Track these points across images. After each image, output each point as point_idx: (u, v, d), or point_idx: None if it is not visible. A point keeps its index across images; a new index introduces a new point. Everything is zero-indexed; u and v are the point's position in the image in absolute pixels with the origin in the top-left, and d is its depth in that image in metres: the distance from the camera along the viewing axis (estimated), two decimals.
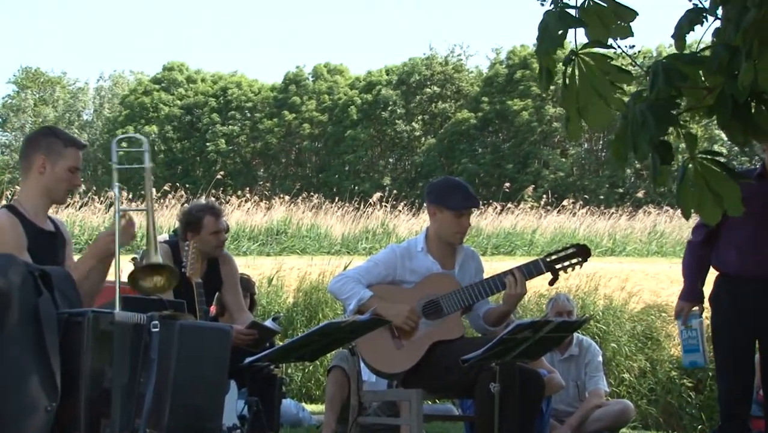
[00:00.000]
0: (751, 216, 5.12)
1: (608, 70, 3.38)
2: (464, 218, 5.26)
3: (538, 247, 17.20)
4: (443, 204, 5.25)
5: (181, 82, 37.84)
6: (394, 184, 33.42)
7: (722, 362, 5.30)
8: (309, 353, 4.63)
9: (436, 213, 5.29)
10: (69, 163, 4.37)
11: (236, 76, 38.05)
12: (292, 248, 17.23)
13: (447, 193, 5.27)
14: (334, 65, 37.64)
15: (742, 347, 5.20)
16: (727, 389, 5.25)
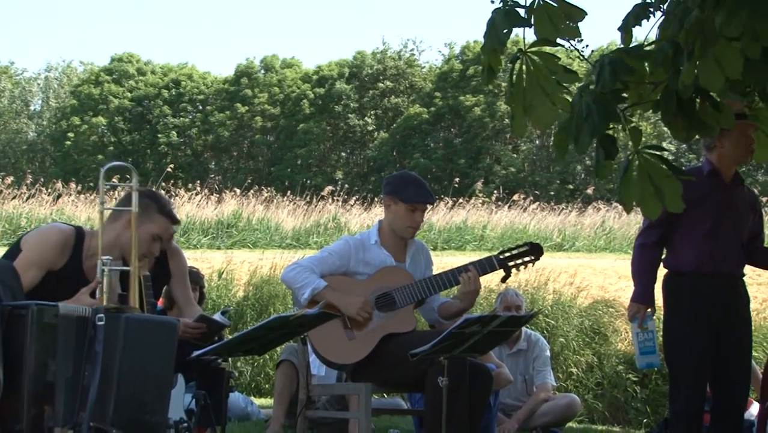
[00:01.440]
0: (708, 213, 5.21)
1: (555, 70, 3.41)
2: (418, 212, 5.30)
3: (488, 242, 17.28)
4: (398, 196, 5.28)
5: (131, 74, 37.47)
6: (347, 178, 33.41)
7: (682, 364, 5.24)
8: (257, 346, 4.61)
9: (390, 205, 5.33)
10: (154, 230, 4.51)
11: (187, 68, 37.76)
12: (243, 241, 17.15)
13: (403, 187, 5.30)
14: (286, 58, 37.51)
15: (705, 347, 5.20)
16: (688, 394, 5.20)
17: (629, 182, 3.46)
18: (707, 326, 5.18)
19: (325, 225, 17.88)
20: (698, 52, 3.03)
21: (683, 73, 3.13)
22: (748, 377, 5.45)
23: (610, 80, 3.33)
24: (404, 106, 35.46)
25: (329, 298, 5.16)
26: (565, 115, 3.47)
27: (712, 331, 5.20)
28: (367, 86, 35.88)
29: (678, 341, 5.23)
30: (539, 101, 3.40)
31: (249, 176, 29.61)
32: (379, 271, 5.27)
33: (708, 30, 2.96)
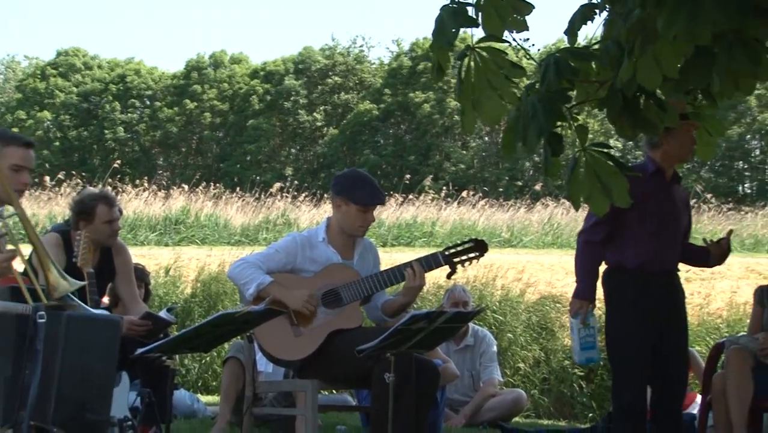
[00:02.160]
0: (653, 212, 5.27)
1: (503, 65, 3.43)
2: (369, 213, 5.31)
3: (438, 238, 17.31)
4: (349, 197, 5.26)
5: (78, 68, 37.03)
6: (296, 174, 33.29)
7: (626, 361, 5.27)
8: (203, 343, 4.59)
9: (341, 205, 5.31)
10: (11, 162, 4.33)
11: (134, 63, 37.40)
12: (192, 237, 17.04)
13: (354, 187, 5.29)
14: (235, 54, 37.31)
15: (648, 344, 5.24)
16: (632, 391, 5.24)
17: (577, 179, 3.49)
18: (651, 324, 5.24)
19: (275, 222, 17.82)
20: (638, 51, 3.06)
21: (622, 70, 3.17)
22: (687, 373, 5.53)
23: (555, 80, 3.37)
24: (354, 103, 35.43)
25: (275, 293, 5.15)
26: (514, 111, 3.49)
27: (656, 329, 5.26)
28: (316, 82, 35.80)
29: (622, 339, 5.27)
30: (487, 96, 3.42)
31: (198, 172, 29.42)
32: (325, 268, 5.27)
33: (649, 29, 2.99)
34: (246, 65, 36.95)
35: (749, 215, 18.65)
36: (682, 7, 2.82)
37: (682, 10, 2.82)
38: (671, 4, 2.83)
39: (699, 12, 2.82)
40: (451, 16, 3.37)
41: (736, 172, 33.02)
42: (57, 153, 34.70)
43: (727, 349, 5.87)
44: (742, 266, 12.90)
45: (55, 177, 18.85)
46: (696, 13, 2.82)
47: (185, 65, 36.77)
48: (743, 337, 6.01)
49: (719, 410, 5.74)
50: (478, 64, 3.42)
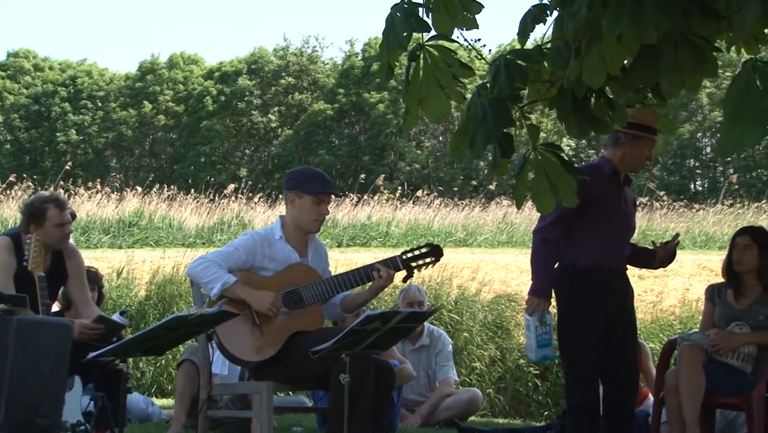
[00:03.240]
0: (609, 212, 5.33)
1: (452, 63, 3.44)
2: (323, 205, 5.32)
3: (393, 238, 17.31)
4: (302, 190, 5.28)
5: (28, 70, 36.59)
6: (251, 175, 33.16)
7: (579, 359, 5.31)
8: (156, 347, 4.55)
9: (294, 200, 5.32)
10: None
11: (86, 65, 37.03)
12: (145, 240, 16.89)
13: (306, 180, 5.31)
14: (189, 54, 37.08)
15: (600, 342, 5.29)
16: (585, 388, 5.29)
17: (524, 178, 3.51)
18: (603, 322, 5.29)
19: (229, 223, 17.72)
20: (584, 50, 3.08)
21: (569, 70, 3.19)
22: (638, 371, 5.58)
23: (506, 84, 3.38)
24: (308, 103, 35.36)
25: (240, 293, 5.14)
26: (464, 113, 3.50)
27: (607, 327, 5.31)
28: (270, 83, 35.68)
29: (574, 337, 5.31)
30: (433, 94, 3.43)
31: (151, 174, 29.19)
32: (286, 268, 5.26)
33: (595, 27, 3.01)
34: (201, 66, 36.75)
35: (701, 213, 18.85)
36: (625, 7, 2.85)
37: (625, 11, 2.85)
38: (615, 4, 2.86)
39: (641, 13, 2.85)
40: (403, 19, 3.37)
41: (687, 170, 33.41)
42: (8, 156, 34.28)
43: (680, 346, 5.93)
44: (694, 263, 13.03)
45: (6, 180, 18.60)
46: (638, 14, 2.85)
47: (138, 67, 36.49)
48: (695, 334, 6.07)
49: (672, 407, 5.79)
50: (427, 62, 3.43)
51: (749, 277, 5.94)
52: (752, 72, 2.86)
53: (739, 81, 2.88)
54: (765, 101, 2.81)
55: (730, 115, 2.88)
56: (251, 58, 36.04)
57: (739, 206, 19.35)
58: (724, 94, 3.12)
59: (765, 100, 2.81)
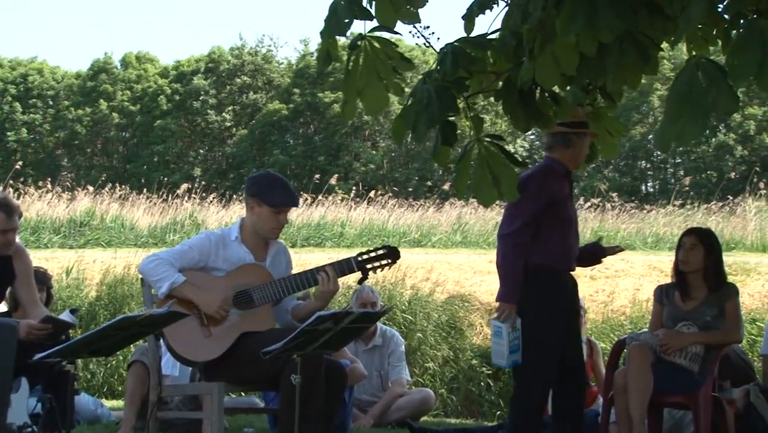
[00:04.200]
0: (566, 212, 5.39)
1: (392, 56, 3.44)
2: (282, 214, 5.30)
3: (348, 239, 17.29)
4: (263, 199, 5.25)
5: None
6: (205, 175, 32.96)
7: (542, 362, 5.32)
8: (104, 347, 4.51)
9: (254, 207, 5.29)
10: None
11: (36, 63, 36.58)
12: (97, 240, 16.72)
13: (268, 189, 5.27)
14: (143, 53, 36.78)
15: (561, 344, 5.35)
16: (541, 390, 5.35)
17: (466, 169, 3.52)
18: (563, 322, 5.36)
19: (182, 223, 17.60)
20: (538, 50, 3.10)
21: (523, 71, 3.21)
22: (584, 370, 5.64)
23: (452, 69, 3.39)
24: (263, 103, 35.22)
25: (187, 293, 5.10)
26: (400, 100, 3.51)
27: (565, 327, 5.36)
28: (224, 82, 35.50)
29: (539, 339, 5.32)
30: (373, 85, 3.42)
31: (103, 174, 28.88)
32: (238, 268, 5.24)
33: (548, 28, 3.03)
34: (155, 65, 36.46)
35: (652, 214, 19.02)
36: (579, 9, 2.87)
37: (579, 12, 2.87)
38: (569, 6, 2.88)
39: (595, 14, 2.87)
40: (346, 8, 3.37)
41: (639, 171, 33.72)
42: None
43: (628, 345, 5.98)
44: (644, 264, 13.16)
45: None
46: (592, 15, 2.87)
47: (90, 65, 36.13)
48: (644, 333, 6.13)
49: (621, 406, 5.84)
50: (367, 53, 3.43)
51: (695, 278, 6.01)
52: (696, 68, 2.90)
53: (683, 77, 2.92)
54: (708, 96, 2.86)
55: (673, 110, 2.92)
56: (208, 57, 35.83)
57: (690, 207, 19.56)
58: None
59: (708, 95, 2.86)
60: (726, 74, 2.88)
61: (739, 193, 20.54)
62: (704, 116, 2.87)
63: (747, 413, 6.38)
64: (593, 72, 3.22)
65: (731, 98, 2.87)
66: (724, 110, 2.89)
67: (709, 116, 2.90)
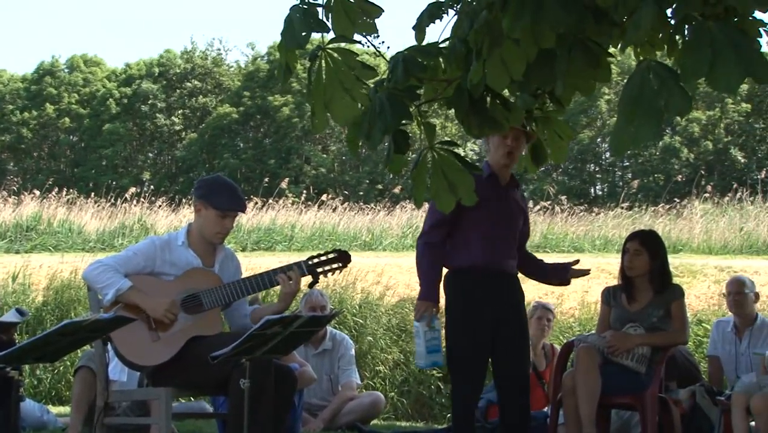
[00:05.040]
0: (486, 215, 5.40)
1: (354, 66, 3.44)
2: (228, 219, 5.27)
3: (298, 242, 17.24)
4: (209, 202, 5.22)
5: None
6: (154, 179, 32.71)
7: (462, 361, 5.37)
8: (49, 353, 4.45)
9: (201, 210, 5.26)
10: None
11: None
12: (44, 244, 16.54)
13: (215, 192, 5.24)
14: (90, 56, 36.42)
15: (484, 344, 5.38)
16: (468, 390, 5.37)
17: (421, 177, 3.53)
18: (486, 324, 5.38)
19: (131, 227, 17.46)
20: (486, 52, 3.11)
21: (471, 72, 3.22)
22: (528, 373, 5.63)
23: (403, 77, 3.40)
24: (212, 106, 35.04)
25: (134, 299, 5.06)
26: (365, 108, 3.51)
27: (492, 329, 5.39)
28: (174, 86, 35.27)
29: (459, 340, 5.39)
30: (338, 97, 3.42)
31: (51, 178, 28.55)
32: (186, 272, 5.20)
33: (495, 31, 3.04)
34: (103, 68, 36.12)
35: (600, 216, 19.20)
36: (525, 9, 2.89)
37: (525, 13, 2.89)
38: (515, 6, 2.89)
39: (541, 15, 2.89)
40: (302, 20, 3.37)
41: (588, 174, 34.02)
42: None
43: (576, 347, 6.03)
44: (593, 266, 13.23)
45: None
46: (538, 15, 2.89)
47: (36, 68, 35.69)
48: (591, 335, 6.18)
49: (569, 408, 5.88)
50: (329, 65, 3.43)
51: (641, 281, 6.07)
52: (647, 71, 2.93)
53: (634, 80, 2.94)
54: (659, 98, 2.88)
55: (625, 113, 2.94)
56: (159, 61, 35.58)
57: (637, 210, 19.77)
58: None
59: (660, 96, 2.88)
60: (677, 76, 2.91)
61: (685, 195, 20.80)
62: (657, 118, 2.90)
63: (693, 414, 6.47)
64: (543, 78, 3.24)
65: (683, 99, 2.90)
66: (676, 111, 2.92)
67: (663, 118, 2.93)
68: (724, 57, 2.78)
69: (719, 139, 31.00)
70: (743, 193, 19.18)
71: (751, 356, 6.70)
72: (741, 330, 7.00)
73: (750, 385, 5.89)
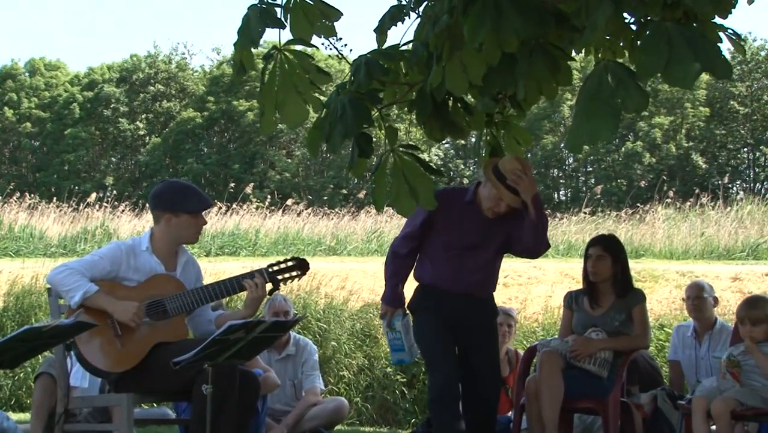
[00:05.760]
0: (457, 238, 5.42)
1: (309, 69, 3.43)
2: (200, 218, 5.28)
3: (262, 247, 17.19)
4: (180, 209, 5.21)
5: None
6: (117, 184, 32.50)
7: (431, 350, 5.50)
8: (8, 360, 4.41)
9: (171, 219, 5.22)
10: None
11: None
12: (5, 249, 16.38)
13: (182, 199, 5.22)
14: (51, 60, 36.12)
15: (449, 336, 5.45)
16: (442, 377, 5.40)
17: (382, 180, 3.53)
18: (448, 324, 5.45)
19: (93, 232, 17.33)
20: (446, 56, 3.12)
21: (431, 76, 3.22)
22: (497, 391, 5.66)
23: (365, 81, 3.39)
24: (176, 111, 34.87)
25: (101, 303, 5.02)
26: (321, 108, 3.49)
27: (455, 332, 5.47)
28: (137, 90, 35.07)
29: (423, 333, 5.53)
30: (291, 99, 3.41)
31: (12, 182, 28.29)
32: (150, 278, 5.18)
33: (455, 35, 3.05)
34: (65, 72, 35.85)
35: (564, 221, 19.29)
36: (486, 16, 2.90)
37: (486, 19, 2.90)
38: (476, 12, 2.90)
39: (502, 21, 2.90)
40: (258, 17, 3.35)
41: (551, 179, 34.22)
42: None
43: (539, 352, 6.05)
44: (556, 271, 13.31)
45: None
46: (499, 22, 2.90)
47: None
48: (554, 340, 6.20)
49: (533, 412, 5.90)
50: (284, 66, 3.42)
51: (604, 285, 6.10)
52: (604, 70, 2.95)
53: (592, 78, 2.97)
54: (616, 96, 2.91)
55: (583, 111, 2.96)
56: (125, 66, 35.36)
57: (600, 215, 19.89)
58: None
59: (616, 94, 2.91)
60: (633, 74, 2.94)
61: (648, 201, 20.94)
62: (614, 115, 2.92)
63: (654, 418, 6.51)
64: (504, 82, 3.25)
65: (640, 96, 2.92)
66: (633, 108, 2.95)
67: (620, 115, 2.96)
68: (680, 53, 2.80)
69: (681, 144, 31.30)
70: (705, 198, 19.35)
71: (710, 360, 6.76)
72: (701, 334, 7.06)
73: (710, 389, 5.93)
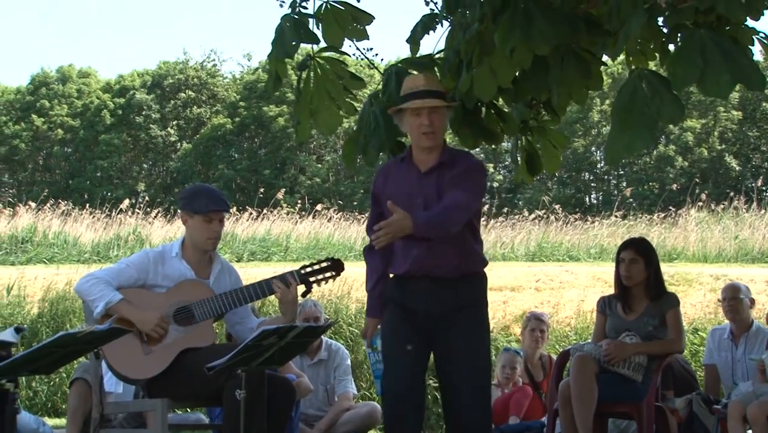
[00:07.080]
0: (399, 203, 4.80)
1: (342, 75, 3.45)
2: (214, 222, 5.23)
3: (294, 253, 17.24)
4: (191, 209, 5.22)
5: None
6: (149, 190, 32.69)
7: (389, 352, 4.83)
8: (44, 366, 4.44)
9: (187, 220, 5.26)
10: None
11: None
12: (39, 256, 16.52)
13: (194, 199, 5.23)
14: (83, 68, 36.40)
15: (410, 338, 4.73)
16: (393, 379, 4.82)
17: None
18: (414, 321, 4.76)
19: (126, 238, 17.44)
20: (476, 62, 3.12)
21: (461, 82, 3.23)
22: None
23: (396, 90, 3.40)
24: (207, 117, 35.04)
25: (124, 312, 5.04)
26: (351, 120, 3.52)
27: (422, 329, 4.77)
28: (168, 96, 35.27)
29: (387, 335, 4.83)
30: (325, 106, 3.44)
31: (46, 189, 28.53)
32: (178, 284, 5.20)
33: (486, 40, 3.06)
34: (96, 79, 36.11)
35: (595, 225, 19.20)
36: (516, 22, 2.90)
37: (516, 26, 2.90)
38: (506, 19, 2.91)
39: (532, 28, 2.91)
40: (292, 30, 3.38)
41: (582, 183, 34.05)
42: None
43: (572, 356, 6.02)
44: (588, 275, 13.26)
45: None
46: (529, 29, 2.91)
47: (30, 80, 35.67)
48: (587, 344, 6.17)
49: (566, 417, 5.87)
50: (318, 74, 3.44)
51: (637, 289, 6.07)
52: (639, 80, 2.94)
53: (627, 88, 2.96)
54: (652, 106, 2.89)
55: (619, 122, 2.95)
56: (156, 72, 35.58)
57: (632, 218, 19.78)
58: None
59: (652, 104, 2.89)
60: (668, 84, 2.92)
61: (680, 204, 20.80)
62: (651, 126, 2.91)
63: (690, 422, 6.46)
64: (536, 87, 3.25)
65: (676, 106, 2.91)
66: (669, 119, 2.93)
67: (656, 126, 2.94)
68: (715, 64, 2.79)
69: (713, 147, 31.06)
70: (738, 201, 19.19)
71: (747, 362, 6.70)
72: (737, 336, 7.00)
73: (746, 394, 5.89)
